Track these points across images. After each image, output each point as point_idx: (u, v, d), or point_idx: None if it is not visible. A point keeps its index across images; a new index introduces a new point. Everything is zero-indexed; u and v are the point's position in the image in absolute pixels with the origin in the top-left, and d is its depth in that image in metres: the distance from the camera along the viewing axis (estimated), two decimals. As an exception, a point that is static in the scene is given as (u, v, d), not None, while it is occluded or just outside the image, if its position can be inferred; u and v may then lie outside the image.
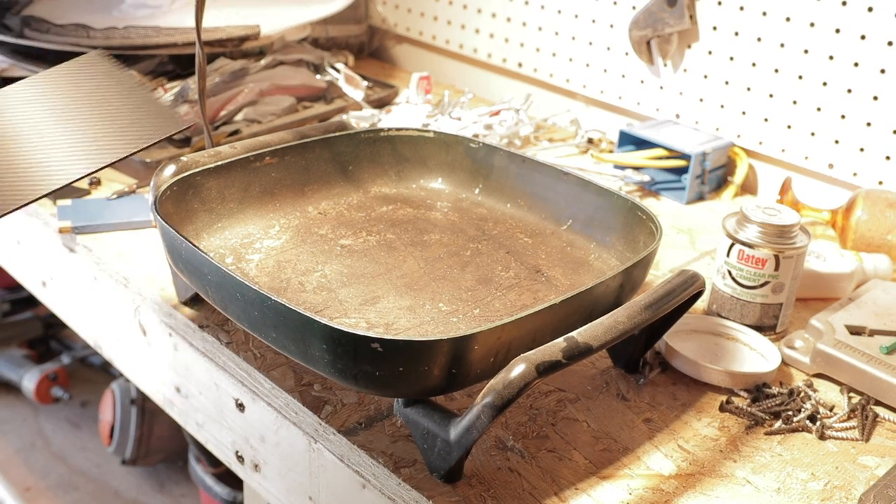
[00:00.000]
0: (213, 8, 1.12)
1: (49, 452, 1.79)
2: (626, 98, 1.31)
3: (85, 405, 1.91)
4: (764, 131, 1.17)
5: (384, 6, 1.60)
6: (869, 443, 0.74)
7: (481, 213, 0.97)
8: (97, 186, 1.09)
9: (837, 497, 0.67)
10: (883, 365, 0.78)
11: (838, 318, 0.84)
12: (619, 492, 0.66)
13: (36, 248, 1.08)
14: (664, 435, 0.73)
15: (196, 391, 0.88)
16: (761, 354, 0.83)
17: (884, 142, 1.07)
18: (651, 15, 1.21)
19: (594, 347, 0.63)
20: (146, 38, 1.19)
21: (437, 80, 1.51)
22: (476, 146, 0.99)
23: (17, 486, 1.69)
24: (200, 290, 0.74)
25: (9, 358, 1.91)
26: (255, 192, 0.91)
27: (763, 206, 0.86)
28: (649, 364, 0.81)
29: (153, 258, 0.94)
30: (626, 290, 0.75)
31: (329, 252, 0.87)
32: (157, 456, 1.73)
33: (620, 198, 0.88)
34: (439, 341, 0.61)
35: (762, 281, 0.84)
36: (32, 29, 1.23)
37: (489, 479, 0.67)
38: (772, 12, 1.12)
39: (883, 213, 1.00)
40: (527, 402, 0.75)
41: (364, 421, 0.72)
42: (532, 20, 1.38)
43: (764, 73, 1.15)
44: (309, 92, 1.31)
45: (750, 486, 0.68)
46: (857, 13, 1.05)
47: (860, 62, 1.06)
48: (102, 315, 1.00)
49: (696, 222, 1.11)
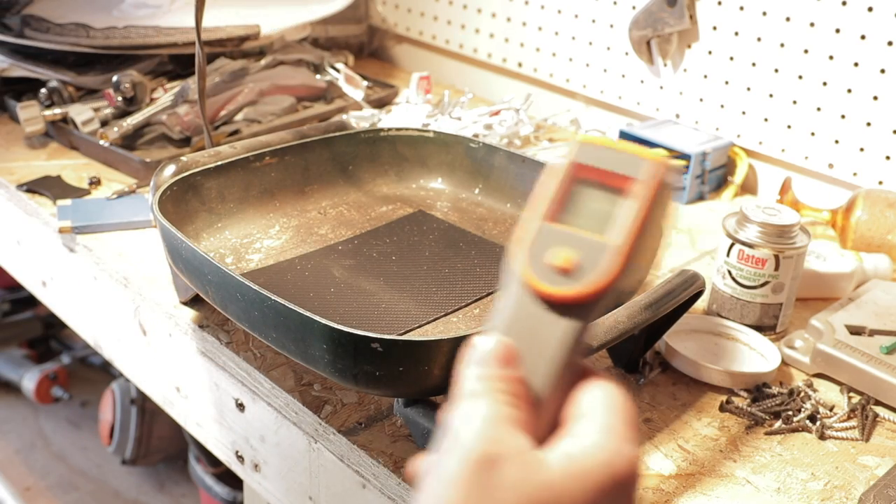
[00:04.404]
0: (213, 8, 1.12)
1: (49, 452, 1.79)
2: (626, 98, 1.30)
3: (85, 405, 1.91)
4: (764, 131, 1.17)
5: (384, 6, 1.60)
6: (869, 443, 0.74)
7: (481, 213, 0.97)
8: (97, 186, 1.09)
9: (837, 497, 0.67)
10: (883, 365, 0.78)
11: (838, 318, 0.84)
12: (619, 492, 0.66)
13: (36, 248, 1.08)
14: (664, 435, 0.73)
15: (196, 391, 0.88)
16: (761, 354, 0.83)
17: (884, 142, 1.07)
18: (651, 15, 1.21)
19: (594, 347, 0.63)
20: (146, 38, 1.19)
21: (437, 79, 1.51)
22: (476, 146, 0.99)
23: (17, 486, 1.69)
24: (200, 290, 0.74)
25: (9, 358, 1.91)
26: (255, 192, 0.91)
27: (763, 205, 0.86)
28: (649, 364, 0.81)
29: (153, 258, 0.94)
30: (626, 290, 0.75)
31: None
32: (157, 456, 1.73)
33: (620, 198, 0.88)
34: (439, 341, 0.61)
35: (762, 281, 0.84)
36: (32, 28, 1.23)
37: (489, 479, 0.67)
38: (772, 12, 1.12)
39: (883, 212, 1.00)
40: (527, 401, 0.75)
41: (364, 421, 0.72)
42: (532, 20, 1.38)
43: (764, 73, 1.15)
44: (309, 92, 1.31)
45: (750, 485, 0.68)
46: (857, 13, 1.05)
47: (860, 62, 1.06)
48: (102, 315, 1.00)
49: (696, 222, 1.11)
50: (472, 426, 0.38)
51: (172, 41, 1.19)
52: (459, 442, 0.38)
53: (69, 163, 1.15)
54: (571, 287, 0.37)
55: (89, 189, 1.08)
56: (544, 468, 0.37)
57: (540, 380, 0.38)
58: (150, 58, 1.25)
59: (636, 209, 0.38)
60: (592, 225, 0.38)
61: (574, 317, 0.38)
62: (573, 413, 0.40)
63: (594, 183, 0.39)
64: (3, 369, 1.89)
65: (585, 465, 0.37)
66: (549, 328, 0.38)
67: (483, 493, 0.36)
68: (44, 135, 1.20)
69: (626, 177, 0.38)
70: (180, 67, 1.26)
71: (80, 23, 1.23)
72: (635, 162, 0.39)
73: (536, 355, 0.38)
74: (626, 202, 0.38)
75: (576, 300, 0.37)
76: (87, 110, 1.16)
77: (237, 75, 1.25)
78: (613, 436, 0.38)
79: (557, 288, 0.37)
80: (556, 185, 0.39)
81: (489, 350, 0.40)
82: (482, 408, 0.38)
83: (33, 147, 1.19)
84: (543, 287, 0.38)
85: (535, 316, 0.38)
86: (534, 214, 0.39)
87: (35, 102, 1.18)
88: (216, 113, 1.18)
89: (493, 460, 0.37)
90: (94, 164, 1.15)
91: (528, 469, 0.37)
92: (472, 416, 0.38)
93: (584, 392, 0.40)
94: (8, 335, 1.94)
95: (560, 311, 0.38)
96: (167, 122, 1.15)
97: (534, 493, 0.36)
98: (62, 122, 1.18)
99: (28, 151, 1.18)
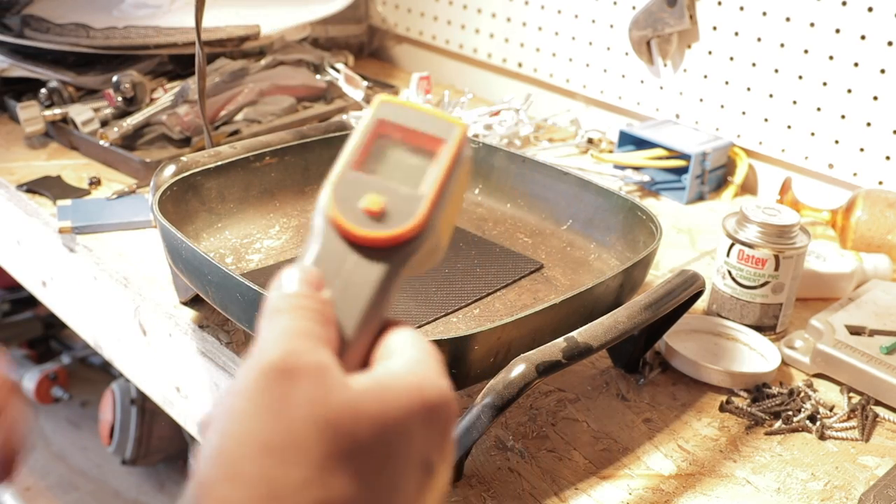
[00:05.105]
0: (213, 8, 1.12)
1: (49, 452, 1.79)
2: (626, 98, 1.31)
3: (85, 405, 1.91)
4: (764, 131, 1.17)
5: (384, 6, 1.60)
6: (869, 443, 0.74)
7: (481, 213, 0.97)
8: (97, 186, 1.09)
9: (837, 497, 0.67)
10: (883, 365, 0.78)
11: (838, 318, 0.84)
12: (619, 492, 0.66)
13: (36, 248, 1.08)
14: (664, 435, 0.73)
15: (196, 391, 0.88)
16: (761, 354, 0.83)
17: (883, 142, 1.07)
18: (651, 15, 1.21)
19: (594, 347, 0.63)
20: (146, 38, 1.19)
21: (437, 80, 1.51)
22: (476, 146, 0.99)
23: (17, 486, 1.69)
24: (200, 290, 0.74)
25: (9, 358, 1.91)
26: (255, 192, 0.91)
27: (763, 206, 0.86)
28: (649, 364, 0.81)
29: (153, 258, 0.94)
30: (626, 290, 0.75)
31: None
32: (157, 456, 1.73)
33: (620, 198, 0.88)
34: (439, 341, 0.61)
35: (762, 281, 0.84)
36: (32, 28, 1.23)
37: (489, 478, 0.67)
38: (772, 12, 1.12)
39: (883, 213, 1.00)
40: (527, 402, 0.75)
41: (364, 421, 0.72)
42: (532, 20, 1.38)
43: (764, 73, 1.15)
44: (309, 92, 1.31)
45: (750, 485, 0.68)
46: (856, 13, 1.05)
47: (860, 62, 1.06)
48: (102, 315, 1.00)
49: (695, 222, 1.11)
50: (269, 337, 0.35)
51: (172, 41, 1.19)
52: (255, 354, 0.35)
53: (69, 163, 1.15)
54: (380, 230, 0.38)
55: (89, 189, 1.08)
56: (346, 387, 0.34)
57: (348, 321, 0.38)
58: (150, 58, 1.25)
59: (442, 164, 0.40)
60: (400, 177, 0.40)
61: (383, 260, 0.39)
62: (381, 354, 0.38)
63: (399, 140, 0.41)
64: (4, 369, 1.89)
65: (392, 386, 0.35)
66: (359, 270, 0.39)
67: (275, 405, 0.33)
68: (44, 135, 1.20)
69: (430, 136, 0.40)
70: (180, 67, 1.26)
71: (80, 23, 1.23)
72: (438, 123, 0.41)
73: (344, 296, 0.38)
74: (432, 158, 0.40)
75: (384, 243, 0.39)
76: (87, 110, 1.16)
77: (237, 75, 1.25)
78: (424, 366, 0.37)
79: (366, 230, 0.39)
80: (365, 137, 0.41)
81: (294, 273, 0.38)
82: (283, 321, 0.36)
83: (33, 147, 1.19)
84: (353, 228, 0.39)
85: (343, 257, 0.39)
86: (343, 162, 0.40)
87: (35, 102, 1.18)
88: (216, 113, 1.18)
89: (289, 371, 0.34)
90: (94, 164, 1.15)
91: (328, 385, 0.34)
92: (272, 328, 0.36)
93: (392, 335, 0.39)
94: (8, 335, 1.94)
95: (368, 255, 0.39)
96: (167, 123, 1.15)
97: (332, 410, 0.33)
98: (62, 122, 1.18)
99: (28, 151, 1.18)
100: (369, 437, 0.34)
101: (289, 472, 0.32)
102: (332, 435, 0.33)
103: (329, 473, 0.33)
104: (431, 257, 0.41)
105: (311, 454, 0.33)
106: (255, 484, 0.32)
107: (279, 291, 0.37)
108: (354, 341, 0.38)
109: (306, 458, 0.32)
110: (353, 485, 0.33)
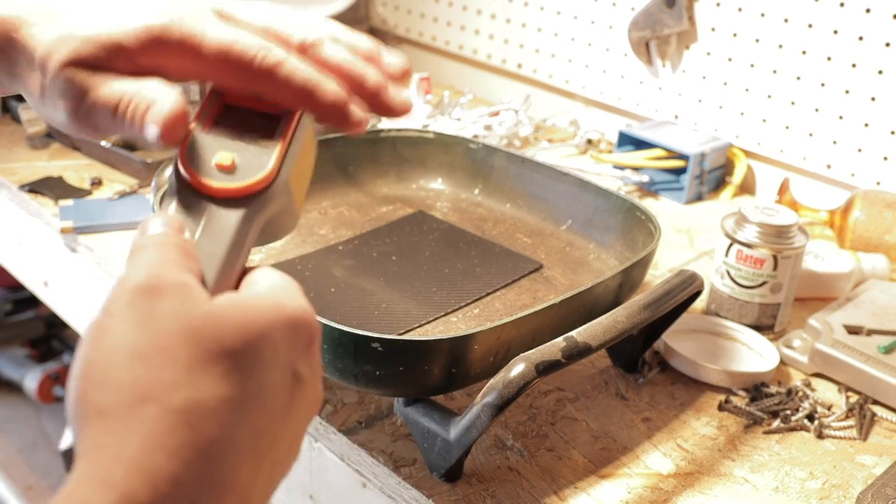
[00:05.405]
0: (214, 9, 1.12)
1: (51, 451, 1.79)
2: (625, 99, 1.31)
3: (86, 405, 1.91)
4: (762, 132, 1.18)
5: (384, 7, 1.61)
6: (867, 442, 0.74)
7: (481, 213, 0.97)
8: (99, 187, 1.09)
9: (835, 496, 0.68)
10: (881, 364, 0.78)
11: (836, 317, 0.85)
12: (618, 491, 0.67)
13: (38, 248, 1.09)
14: (663, 434, 0.73)
15: (197, 391, 0.89)
16: (760, 354, 0.83)
17: (881, 142, 1.07)
18: (650, 16, 1.22)
19: (593, 347, 0.63)
20: (147, 40, 1.20)
21: (437, 80, 1.52)
22: (476, 147, 0.99)
23: (19, 485, 1.69)
24: (202, 290, 0.74)
25: (11, 357, 1.91)
26: (256, 192, 0.91)
27: (761, 206, 0.87)
28: (648, 363, 0.81)
29: (155, 258, 0.94)
30: (626, 290, 0.76)
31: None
32: (158, 455, 1.73)
33: (619, 198, 0.88)
34: (439, 341, 0.62)
35: (760, 281, 0.84)
36: (34, 30, 1.23)
37: (489, 477, 0.67)
38: (770, 13, 1.13)
39: (880, 213, 1.00)
40: (526, 401, 0.76)
41: (364, 420, 0.73)
42: (531, 21, 1.38)
43: (762, 74, 1.15)
44: (309, 93, 1.32)
45: (748, 484, 0.69)
46: (854, 14, 1.05)
47: (858, 63, 1.07)
48: (104, 315, 1.00)
49: (694, 222, 1.12)
50: (133, 267, 0.37)
51: (173, 42, 1.19)
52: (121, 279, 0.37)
53: (71, 163, 1.15)
54: (233, 182, 0.42)
55: (91, 189, 1.08)
56: (209, 301, 0.37)
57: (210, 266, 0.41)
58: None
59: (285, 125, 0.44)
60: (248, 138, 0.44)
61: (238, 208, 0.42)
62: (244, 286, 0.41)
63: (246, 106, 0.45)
64: (5, 369, 1.90)
65: (254, 302, 0.38)
66: (217, 219, 0.42)
67: (141, 319, 0.35)
68: (46, 135, 1.20)
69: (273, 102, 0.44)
70: (181, 68, 1.26)
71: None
72: None
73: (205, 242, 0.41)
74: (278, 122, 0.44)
75: (237, 193, 0.42)
76: (88, 111, 1.16)
77: (238, 76, 1.25)
78: (284, 289, 0.39)
79: (220, 183, 0.42)
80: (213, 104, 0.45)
81: (157, 218, 0.40)
82: (148, 253, 0.38)
83: (35, 148, 1.19)
84: (208, 181, 0.42)
85: (201, 208, 0.42)
86: (195, 125, 0.44)
87: (37, 103, 1.18)
88: (217, 114, 1.19)
89: (153, 288, 0.36)
90: (96, 164, 1.16)
91: (192, 301, 0.36)
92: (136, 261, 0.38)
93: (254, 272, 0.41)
94: (10, 335, 1.94)
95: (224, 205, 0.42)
96: (168, 123, 1.16)
97: (196, 318, 0.35)
98: (64, 122, 1.18)
99: (30, 152, 1.18)
100: (234, 342, 0.36)
101: (158, 375, 0.34)
102: (197, 339, 0.35)
103: (197, 376, 0.35)
104: (286, 218, 0.45)
105: (179, 358, 0.35)
106: (127, 388, 0.34)
107: (143, 234, 0.40)
108: (217, 285, 0.40)
109: (174, 361, 0.35)
110: (222, 386, 0.35)
